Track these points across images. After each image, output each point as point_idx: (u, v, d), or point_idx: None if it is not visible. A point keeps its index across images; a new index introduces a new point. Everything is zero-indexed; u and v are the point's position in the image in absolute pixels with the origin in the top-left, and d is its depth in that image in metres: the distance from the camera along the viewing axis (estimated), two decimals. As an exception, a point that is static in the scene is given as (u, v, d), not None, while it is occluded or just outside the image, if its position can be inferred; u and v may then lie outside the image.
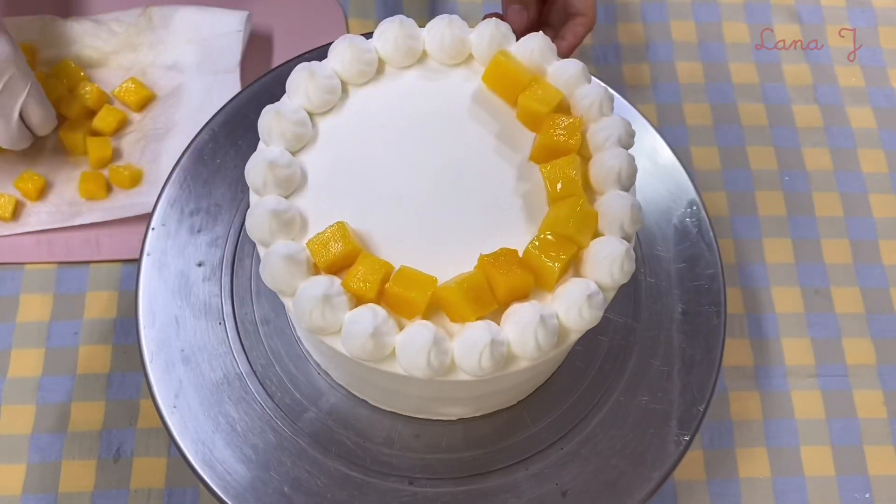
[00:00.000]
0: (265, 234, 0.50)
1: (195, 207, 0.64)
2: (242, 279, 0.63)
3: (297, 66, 0.55)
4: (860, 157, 0.82)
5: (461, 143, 0.55)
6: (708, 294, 0.63)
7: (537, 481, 0.57)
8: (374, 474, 0.57)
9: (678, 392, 0.60)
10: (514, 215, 0.53)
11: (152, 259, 0.63)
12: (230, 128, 0.67)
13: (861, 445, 0.70)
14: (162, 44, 0.79)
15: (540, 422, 0.59)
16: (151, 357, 0.60)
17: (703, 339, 0.62)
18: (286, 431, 0.58)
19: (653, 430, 0.59)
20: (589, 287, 0.49)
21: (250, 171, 0.52)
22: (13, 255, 0.72)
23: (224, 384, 0.59)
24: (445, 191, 0.54)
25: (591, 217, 0.51)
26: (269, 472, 0.57)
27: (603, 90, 0.54)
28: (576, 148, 0.53)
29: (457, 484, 0.57)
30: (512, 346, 0.48)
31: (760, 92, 0.84)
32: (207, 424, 0.58)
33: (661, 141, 0.69)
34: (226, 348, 0.60)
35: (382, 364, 0.49)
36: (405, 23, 0.56)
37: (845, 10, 0.89)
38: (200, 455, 0.57)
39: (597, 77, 0.70)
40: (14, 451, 0.66)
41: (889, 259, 0.77)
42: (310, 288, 0.48)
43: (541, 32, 0.57)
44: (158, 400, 0.58)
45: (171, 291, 0.62)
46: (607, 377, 0.61)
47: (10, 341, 0.69)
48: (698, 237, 0.65)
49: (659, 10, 0.88)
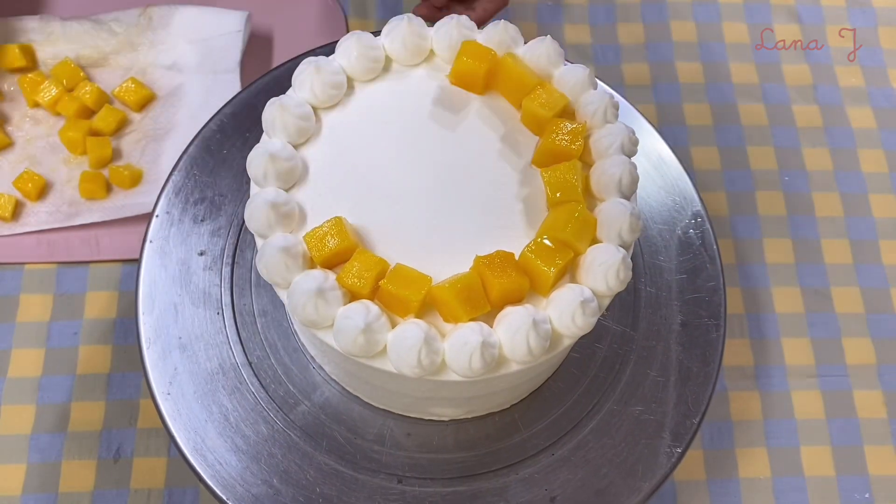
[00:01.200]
0: (263, 225, 0.50)
1: (200, 197, 0.64)
2: (243, 270, 0.63)
3: (304, 60, 0.55)
4: (860, 157, 0.82)
5: (464, 144, 0.55)
6: (708, 306, 0.63)
7: (526, 486, 0.57)
8: (364, 471, 0.57)
9: (672, 404, 0.60)
10: (513, 218, 0.53)
11: (154, 246, 0.63)
12: (231, 127, 0.67)
13: (861, 445, 0.70)
14: (162, 44, 0.79)
15: (532, 427, 0.59)
16: (149, 344, 0.60)
17: (701, 352, 0.62)
18: (278, 423, 0.58)
19: (645, 440, 0.59)
20: (583, 294, 0.48)
21: (252, 163, 0.52)
22: (13, 255, 0.72)
23: (219, 374, 0.59)
24: (446, 190, 0.54)
25: (589, 223, 0.50)
26: (259, 463, 0.57)
27: (608, 97, 0.54)
28: (578, 153, 0.52)
29: (446, 485, 0.57)
30: (503, 348, 0.48)
31: (760, 92, 0.84)
32: (201, 413, 0.58)
33: (661, 141, 0.69)
34: (223, 338, 0.60)
35: (374, 361, 0.49)
36: (413, 21, 0.56)
37: (845, 10, 0.89)
38: (192, 443, 0.57)
39: (597, 77, 0.70)
40: (14, 451, 0.66)
41: (889, 259, 0.77)
42: (304, 281, 0.48)
43: (549, 37, 0.56)
44: (153, 385, 0.59)
45: (172, 279, 0.62)
46: (602, 385, 0.61)
47: (10, 341, 0.69)
48: (701, 249, 0.65)
49: (659, 10, 0.88)
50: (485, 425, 0.60)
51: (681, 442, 0.59)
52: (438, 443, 0.59)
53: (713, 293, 0.64)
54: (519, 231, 0.52)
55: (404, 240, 0.52)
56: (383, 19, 0.83)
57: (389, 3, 0.85)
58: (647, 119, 0.70)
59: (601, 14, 0.87)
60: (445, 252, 0.51)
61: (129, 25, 0.79)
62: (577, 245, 0.50)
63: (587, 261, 0.50)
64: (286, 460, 0.57)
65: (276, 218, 0.50)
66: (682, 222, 0.66)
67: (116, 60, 0.79)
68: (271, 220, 0.50)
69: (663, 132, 0.70)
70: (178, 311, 0.61)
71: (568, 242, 0.50)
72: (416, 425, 0.59)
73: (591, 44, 0.85)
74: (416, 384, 0.51)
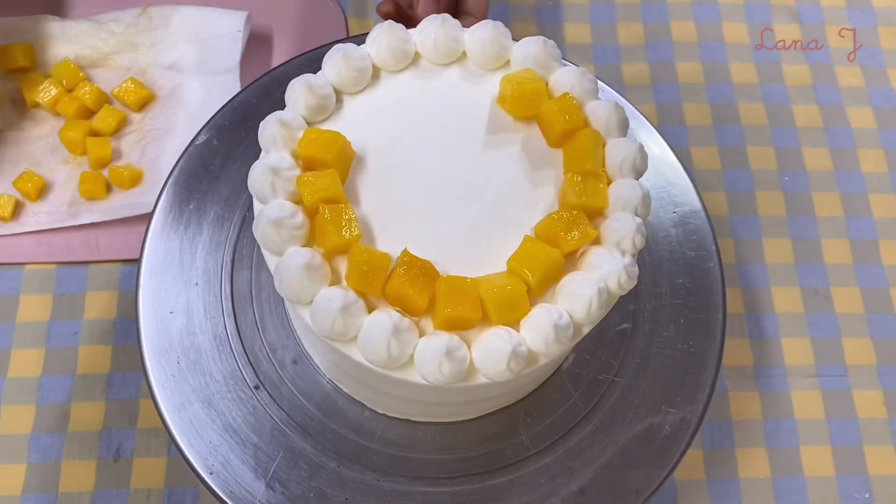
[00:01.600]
0: (275, 242, 0.49)
1: (200, 196, 0.64)
2: (244, 271, 0.63)
3: (293, 81, 0.54)
4: (860, 157, 0.82)
5: (471, 151, 0.55)
6: (708, 306, 0.63)
7: (523, 487, 0.58)
8: (367, 472, 0.57)
9: (672, 403, 0.60)
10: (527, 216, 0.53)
11: (154, 246, 0.63)
12: (231, 127, 0.67)
13: (861, 445, 0.70)
14: (161, 44, 0.79)
15: (530, 429, 0.60)
16: (148, 343, 0.60)
17: (701, 352, 0.62)
18: (279, 423, 0.58)
19: (644, 440, 0.59)
20: (562, 317, 0.48)
21: (254, 180, 0.52)
22: (13, 255, 0.72)
23: (219, 374, 0.60)
24: (451, 200, 0.53)
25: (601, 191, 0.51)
26: (259, 463, 0.57)
27: (637, 148, 0.53)
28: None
29: (427, 484, 0.58)
30: (531, 349, 0.48)
31: (760, 92, 0.84)
32: (201, 413, 0.58)
33: (661, 141, 0.69)
34: (223, 338, 0.61)
35: (399, 372, 0.49)
36: (447, 22, 0.56)
37: (845, 10, 0.89)
38: (192, 443, 0.57)
39: (596, 77, 0.70)
40: (14, 451, 0.66)
41: (889, 259, 0.77)
42: (327, 298, 0.47)
43: (584, 70, 0.56)
44: (153, 385, 0.59)
45: (172, 279, 0.62)
46: (602, 385, 0.61)
47: (10, 341, 0.69)
48: (701, 249, 0.65)
49: (659, 10, 0.88)
50: (482, 427, 0.60)
51: (681, 442, 0.59)
52: (462, 441, 0.59)
53: (713, 293, 0.64)
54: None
55: (411, 233, 0.51)
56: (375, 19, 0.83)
57: (389, 3, 0.85)
58: (647, 119, 0.70)
59: (601, 14, 0.87)
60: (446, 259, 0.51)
61: (128, 25, 0.79)
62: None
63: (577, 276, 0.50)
64: (287, 461, 0.57)
65: (287, 235, 0.49)
66: (681, 222, 0.66)
67: (116, 61, 0.79)
68: (283, 236, 0.49)
69: (663, 132, 0.70)
70: (178, 311, 0.61)
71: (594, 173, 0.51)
72: (420, 427, 0.60)
73: (591, 43, 0.85)
74: (438, 391, 0.51)
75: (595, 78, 0.57)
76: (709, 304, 0.63)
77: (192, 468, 0.57)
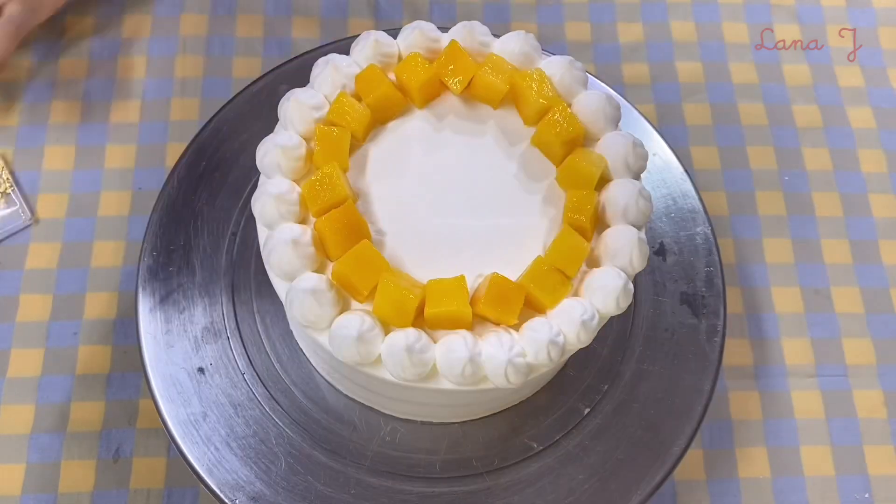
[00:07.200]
0: (289, 267, 0.50)
1: (201, 195, 0.65)
2: (245, 265, 0.63)
3: (285, 97, 0.55)
4: (860, 157, 0.82)
5: (473, 154, 0.56)
6: (708, 306, 0.63)
7: (520, 490, 0.58)
8: (368, 472, 0.58)
9: (672, 403, 0.60)
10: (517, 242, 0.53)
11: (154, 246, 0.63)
12: (238, 120, 0.67)
13: (861, 445, 0.70)
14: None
15: (530, 430, 0.60)
16: (148, 344, 0.60)
17: (701, 351, 0.62)
18: (279, 423, 0.58)
19: (644, 439, 0.59)
20: (552, 329, 0.49)
21: (258, 205, 0.52)
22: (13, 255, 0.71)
23: (219, 374, 0.60)
24: (453, 199, 0.54)
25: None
26: (259, 463, 0.57)
27: (631, 142, 0.54)
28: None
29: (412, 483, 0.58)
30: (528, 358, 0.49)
31: (760, 92, 0.84)
32: (200, 413, 0.58)
33: (661, 141, 0.69)
34: (223, 338, 0.61)
35: (425, 382, 0.50)
36: (425, 27, 0.57)
37: (845, 10, 0.89)
38: (192, 444, 0.57)
39: (596, 77, 0.70)
40: (14, 451, 0.65)
41: (889, 259, 0.77)
42: (343, 326, 0.48)
43: (570, 58, 0.56)
44: (153, 385, 0.59)
45: (173, 279, 0.62)
46: (601, 386, 0.61)
47: (10, 341, 0.69)
48: (701, 249, 0.65)
49: (659, 10, 0.88)
50: (486, 428, 0.60)
51: (680, 442, 0.59)
52: (463, 441, 0.59)
53: (713, 293, 0.64)
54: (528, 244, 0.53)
55: (408, 248, 0.52)
56: (383, 20, 0.83)
57: (390, 4, 0.85)
58: (647, 119, 0.70)
59: (601, 13, 0.87)
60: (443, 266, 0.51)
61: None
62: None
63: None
64: (287, 461, 0.57)
65: (298, 260, 0.49)
66: (681, 222, 0.66)
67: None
68: (294, 261, 0.49)
69: (663, 132, 0.70)
70: (178, 311, 0.61)
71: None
72: (422, 428, 0.60)
73: (591, 43, 0.85)
74: (454, 395, 0.51)
75: (583, 66, 0.57)
76: (709, 304, 0.63)
77: (191, 468, 0.57)
